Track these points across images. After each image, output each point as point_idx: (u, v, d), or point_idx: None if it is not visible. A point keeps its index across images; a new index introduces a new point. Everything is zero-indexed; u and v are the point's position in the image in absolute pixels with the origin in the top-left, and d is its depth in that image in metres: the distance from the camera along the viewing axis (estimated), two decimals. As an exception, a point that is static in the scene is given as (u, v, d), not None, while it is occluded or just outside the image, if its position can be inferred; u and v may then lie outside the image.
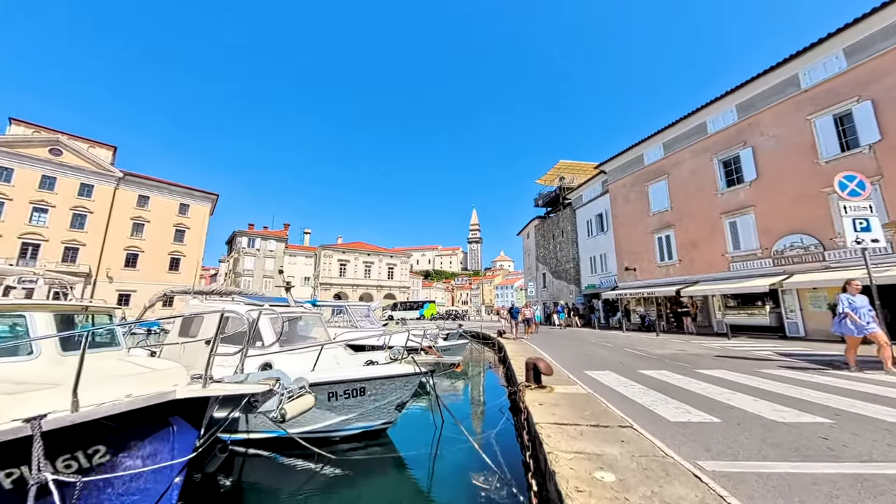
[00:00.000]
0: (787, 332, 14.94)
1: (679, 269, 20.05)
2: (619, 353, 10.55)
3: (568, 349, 11.91)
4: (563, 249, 32.58)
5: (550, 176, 36.27)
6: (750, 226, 16.76)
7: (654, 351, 11.04)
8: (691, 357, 9.62)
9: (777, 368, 7.53)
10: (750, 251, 16.64)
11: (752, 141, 16.90)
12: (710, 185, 18.63)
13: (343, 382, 4.59)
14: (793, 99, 15.53)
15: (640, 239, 22.77)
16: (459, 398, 9.75)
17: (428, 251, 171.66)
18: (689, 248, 19.51)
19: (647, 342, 13.94)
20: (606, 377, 6.97)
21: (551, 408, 4.72)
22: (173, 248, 45.23)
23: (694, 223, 19.38)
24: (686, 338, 15.99)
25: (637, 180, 23.31)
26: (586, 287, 29.28)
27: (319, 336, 6.79)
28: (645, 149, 22.84)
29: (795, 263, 14.92)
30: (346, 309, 11.78)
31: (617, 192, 25.02)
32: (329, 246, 55.40)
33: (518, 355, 10.31)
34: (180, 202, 46.54)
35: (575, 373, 7.44)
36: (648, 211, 22.22)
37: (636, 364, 8.53)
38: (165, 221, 44.81)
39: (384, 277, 59.20)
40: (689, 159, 19.87)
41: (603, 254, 27.16)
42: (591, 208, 28.99)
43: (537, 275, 38.17)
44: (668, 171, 21.16)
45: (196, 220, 47.45)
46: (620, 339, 15.45)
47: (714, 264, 18.16)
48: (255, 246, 53.86)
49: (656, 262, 21.46)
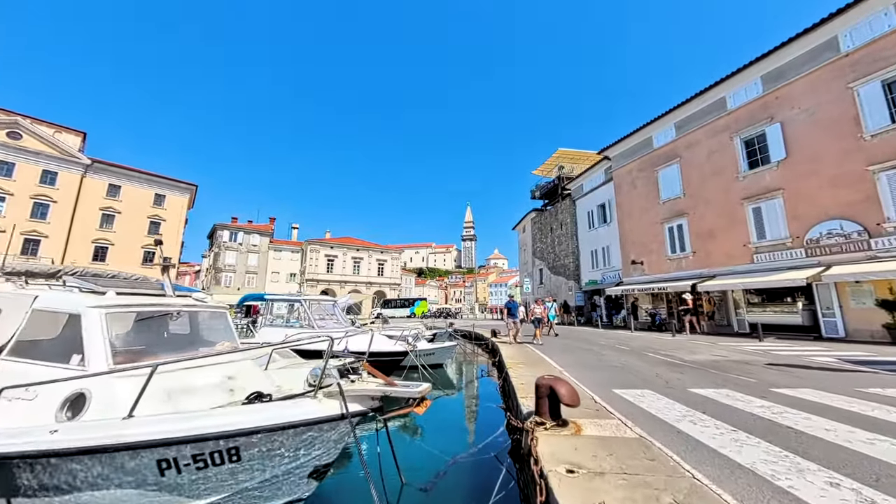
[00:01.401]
0: (824, 333, 13.00)
1: (693, 261, 18.07)
2: (645, 361, 8.44)
3: (579, 354, 9.80)
4: (562, 243, 30.56)
5: (548, 166, 34.19)
6: (777, 212, 14.79)
7: (685, 356, 8.96)
8: (738, 366, 7.54)
9: (884, 387, 5.45)
10: (777, 240, 14.68)
11: (781, 116, 14.92)
12: (730, 167, 16.64)
13: (186, 442, 2.41)
14: (831, 65, 13.54)
15: (648, 229, 20.78)
16: (436, 428, 7.40)
17: (422, 248, 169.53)
18: (705, 239, 17.53)
19: (667, 344, 11.89)
20: (649, 400, 4.84)
21: (588, 478, 2.56)
22: (147, 241, 42.38)
23: (710, 211, 17.39)
24: (705, 339, 13.99)
25: (645, 165, 21.29)
26: (587, 283, 27.30)
27: (221, 345, 4.55)
28: (654, 130, 20.82)
29: (834, 253, 12.97)
30: (301, 303, 9.47)
31: (622, 180, 22.99)
32: (316, 240, 52.85)
33: (518, 364, 8.13)
34: (155, 192, 43.70)
35: (601, 392, 5.31)
36: (658, 199, 20.21)
37: (676, 377, 6.41)
38: (139, 213, 41.98)
39: (374, 274, 56.81)
40: (706, 140, 17.86)
41: (605, 247, 25.16)
42: (593, 198, 26.96)
43: (534, 270, 36.16)
44: (680, 154, 19.15)
45: (173, 212, 44.66)
46: (633, 340, 13.40)
47: (734, 256, 16.19)
48: (238, 240, 51.11)
49: (666, 254, 19.47)
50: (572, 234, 29.25)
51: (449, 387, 10.55)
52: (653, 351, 10.20)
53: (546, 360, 8.74)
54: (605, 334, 16.79)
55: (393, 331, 10.99)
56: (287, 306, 10.67)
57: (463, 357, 16.25)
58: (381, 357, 8.55)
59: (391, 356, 8.50)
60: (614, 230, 23.79)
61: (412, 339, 9.59)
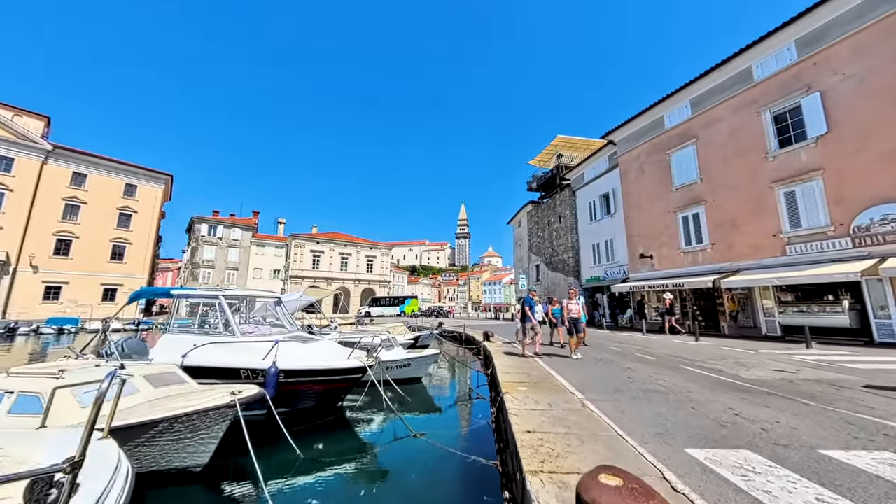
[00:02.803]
0: (876, 337, 10.96)
1: (711, 254, 15.99)
2: (691, 380, 6.23)
3: (596, 368, 7.56)
4: (561, 237, 28.42)
5: (546, 155, 31.99)
6: (816, 196, 12.73)
7: (740, 373, 6.77)
8: (827, 389, 5.38)
9: None
10: (816, 229, 12.62)
11: (820, 84, 12.84)
12: (757, 146, 14.55)
13: None
14: (885, 20, 11.47)
15: (658, 220, 18.67)
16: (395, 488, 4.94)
17: (415, 246, 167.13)
18: (727, 229, 15.45)
19: (697, 352, 9.73)
20: (772, 486, 2.58)
21: None
22: (116, 235, 39.58)
23: (733, 197, 15.31)
24: (733, 344, 11.89)
25: (655, 149, 19.17)
26: (587, 280, 25.21)
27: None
28: (666, 109, 18.69)
29: (890, 242, 10.92)
30: (220, 300, 7.04)
31: (629, 166, 20.86)
32: (301, 235, 50.13)
33: (518, 386, 5.85)
34: (126, 182, 40.79)
35: (669, 456, 3.04)
36: (670, 185, 18.10)
37: (768, 418, 4.19)
38: (107, 204, 39.07)
39: (363, 270, 54.27)
40: (728, 116, 15.75)
41: (609, 240, 23.05)
42: (595, 188, 24.82)
43: (530, 267, 34.01)
44: (696, 135, 17.03)
45: (145, 204, 41.78)
46: (652, 345, 11.24)
47: (761, 248, 14.13)
48: (217, 234, 48.26)
49: (680, 247, 17.38)
50: (572, 227, 27.11)
51: (426, 408, 8.29)
52: (688, 362, 8.02)
53: (554, 378, 6.50)
54: (614, 337, 14.64)
55: (354, 336, 8.75)
56: (204, 305, 8.27)
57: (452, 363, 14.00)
58: (327, 376, 6.25)
59: (342, 374, 6.19)
60: (619, 221, 21.68)
61: (376, 348, 7.29)
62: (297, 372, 5.77)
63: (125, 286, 39.55)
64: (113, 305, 38.39)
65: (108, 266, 38.84)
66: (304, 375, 5.86)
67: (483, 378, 9.72)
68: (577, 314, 9.10)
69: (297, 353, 6.04)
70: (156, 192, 42.89)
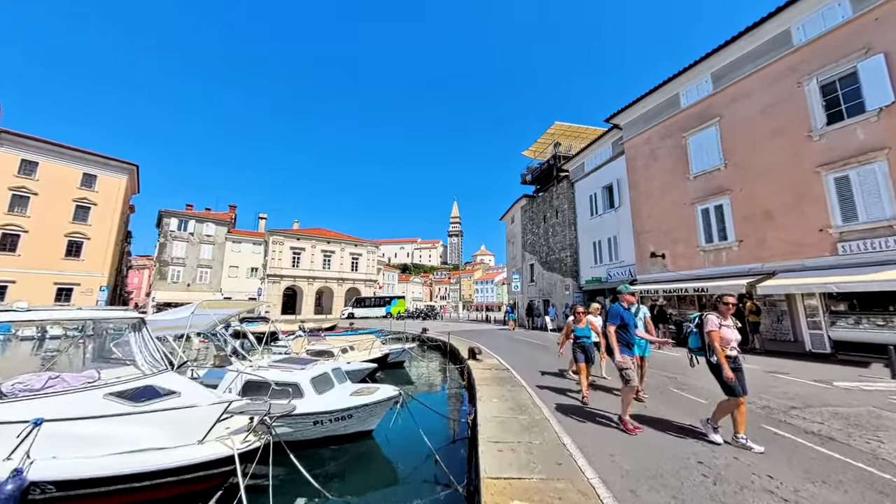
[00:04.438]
0: (966, 359, 8.56)
1: (738, 253, 13.56)
2: (825, 478, 3.64)
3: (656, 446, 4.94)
4: (558, 234, 25.90)
5: (542, 144, 29.45)
6: (878, 181, 10.31)
7: (876, 446, 4.21)
8: None
9: None
10: (879, 222, 10.20)
11: (884, 43, 10.40)
12: (797, 124, 12.11)
13: None
14: (978, -43, 9.04)
15: (672, 213, 16.21)
16: None
17: (407, 244, 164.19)
18: (757, 223, 13.01)
19: (768, 388, 7.18)
20: None
21: None
22: (73, 229, 36.13)
23: (766, 184, 12.87)
24: (780, 364, 9.43)
25: (669, 131, 16.68)
26: (587, 281, 22.74)
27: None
28: (682, 85, 16.20)
29: None
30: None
31: (637, 152, 18.36)
32: (279, 231, 46.92)
33: (503, 450, 3.19)
34: (84, 172, 37.29)
35: None
36: (687, 172, 15.63)
37: None
38: (61, 195, 35.58)
39: (347, 269, 51.24)
40: (760, 89, 13.30)
41: (612, 237, 20.58)
42: (597, 178, 22.32)
43: (524, 266, 31.49)
44: (720, 113, 14.57)
45: (106, 195, 38.30)
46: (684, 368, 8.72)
47: (804, 245, 11.71)
48: (188, 229, 44.85)
49: (699, 244, 14.93)
50: (570, 223, 24.60)
51: (375, 482, 5.58)
52: (780, 413, 5.45)
53: (575, 464, 3.86)
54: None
55: (272, 370, 6.09)
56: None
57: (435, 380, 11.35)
58: (155, 481, 3.35)
59: (184, 474, 3.32)
60: (625, 216, 19.19)
61: (293, 391, 4.55)
62: (77, 483, 2.97)
63: (83, 285, 36.23)
64: (69, 306, 35.02)
65: (63, 263, 35.40)
66: (92, 487, 3.19)
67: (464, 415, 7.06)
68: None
69: (95, 436, 3.28)
70: (118, 183, 39.40)
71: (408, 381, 13.13)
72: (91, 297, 36.64)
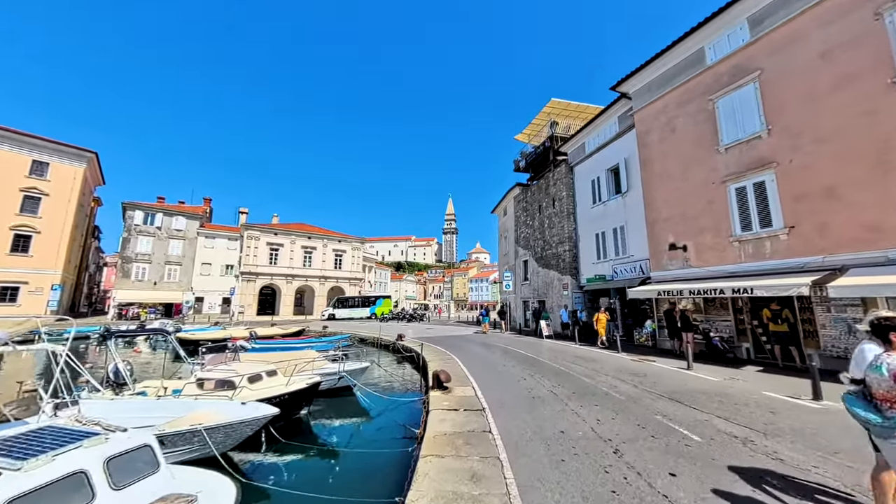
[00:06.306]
0: None
1: (788, 243, 10.47)
2: None
3: None
4: (555, 225, 22.77)
5: (537, 126, 26.27)
6: None
7: None
8: None
9: None
10: None
11: None
12: (878, 66, 9.01)
13: None
14: None
15: (696, 195, 13.10)
16: None
17: (401, 242, 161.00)
18: (817, 203, 9.92)
19: None
20: None
21: None
22: (19, 222, 32.73)
23: (826, 154, 9.78)
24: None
25: (691, 95, 13.57)
26: (588, 279, 19.64)
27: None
28: (708, 37, 13.07)
29: None
30: None
31: (651, 124, 15.23)
32: (255, 225, 43.46)
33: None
34: (33, 159, 33.86)
35: None
36: (715, 144, 12.53)
37: None
38: (6, 184, 32.19)
39: (330, 266, 47.91)
40: (815, 31, 10.18)
41: (619, 227, 17.49)
42: (601, 160, 19.20)
43: (517, 262, 28.37)
44: (760, 66, 11.45)
45: (60, 186, 34.86)
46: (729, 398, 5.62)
47: (886, 231, 8.63)
48: (155, 223, 41.34)
49: (733, 233, 11.83)
50: (569, 213, 21.48)
51: None
52: None
53: None
54: (632, 370, 9.06)
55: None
56: None
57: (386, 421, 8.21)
58: None
59: None
60: (635, 202, 16.08)
61: None
62: None
63: (31, 283, 32.84)
64: (14, 307, 31.64)
65: (8, 259, 32.00)
66: None
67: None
68: None
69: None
70: (75, 172, 35.94)
71: (352, 414, 10.07)
72: (41, 297, 33.25)
